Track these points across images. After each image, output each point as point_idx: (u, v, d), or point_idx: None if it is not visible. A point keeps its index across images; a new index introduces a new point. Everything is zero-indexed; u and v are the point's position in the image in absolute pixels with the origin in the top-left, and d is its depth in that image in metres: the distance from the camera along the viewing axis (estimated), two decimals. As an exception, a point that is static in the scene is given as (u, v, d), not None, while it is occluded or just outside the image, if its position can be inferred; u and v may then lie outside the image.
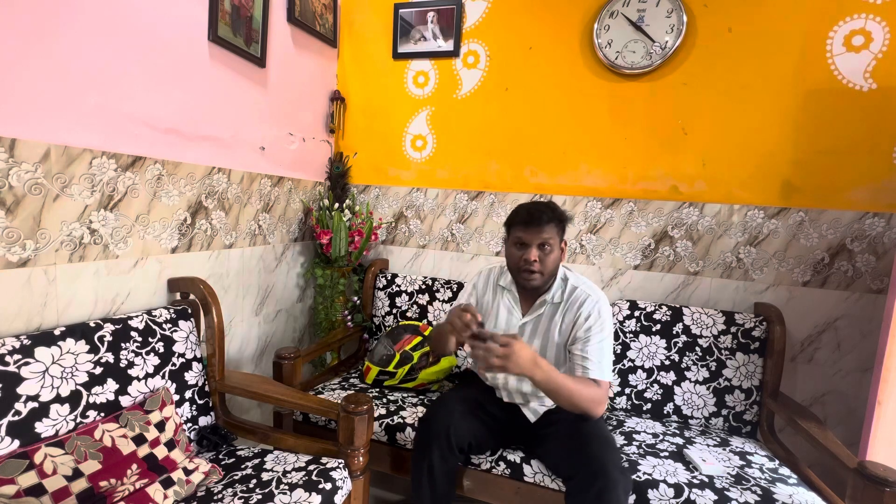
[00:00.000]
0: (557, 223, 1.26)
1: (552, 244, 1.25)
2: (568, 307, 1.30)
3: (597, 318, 1.25)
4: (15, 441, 0.92)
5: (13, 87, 1.01)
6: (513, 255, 1.29)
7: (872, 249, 1.55)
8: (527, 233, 1.25)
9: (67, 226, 1.13)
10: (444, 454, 1.22)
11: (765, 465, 1.31)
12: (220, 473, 1.13)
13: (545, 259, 1.25)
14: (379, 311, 2.01)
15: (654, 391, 1.61)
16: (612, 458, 1.11)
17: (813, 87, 1.56)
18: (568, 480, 1.16)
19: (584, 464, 1.11)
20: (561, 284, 1.33)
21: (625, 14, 1.70)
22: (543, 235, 1.23)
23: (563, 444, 1.22)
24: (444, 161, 2.05)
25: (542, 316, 1.33)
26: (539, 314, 1.33)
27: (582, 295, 1.29)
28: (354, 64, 2.14)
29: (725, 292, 1.71)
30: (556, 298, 1.32)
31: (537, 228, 1.23)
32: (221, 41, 1.49)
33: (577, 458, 1.14)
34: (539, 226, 1.23)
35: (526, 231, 1.25)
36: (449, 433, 1.22)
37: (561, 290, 1.32)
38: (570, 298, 1.30)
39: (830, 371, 1.61)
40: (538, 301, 1.33)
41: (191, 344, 1.31)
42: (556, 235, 1.26)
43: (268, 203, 1.82)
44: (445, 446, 1.21)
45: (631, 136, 1.78)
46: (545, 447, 1.29)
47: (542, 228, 1.23)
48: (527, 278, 1.27)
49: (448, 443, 1.21)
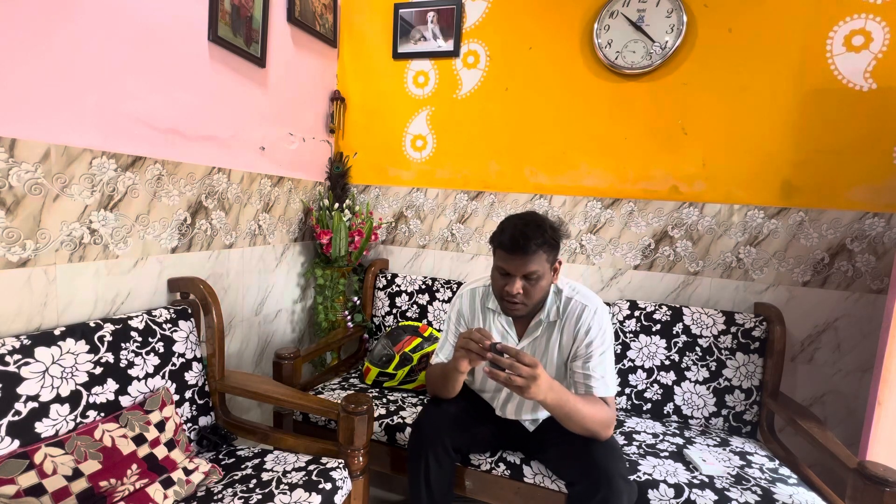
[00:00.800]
0: (548, 249, 1.09)
1: (540, 273, 1.09)
2: (565, 322, 1.21)
3: (597, 330, 1.17)
4: (15, 441, 0.92)
5: (13, 87, 1.01)
6: (496, 281, 1.16)
7: (872, 249, 1.55)
8: (510, 263, 1.09)
9: (67, 226, 1.13)
10: (439, 457, 1.18)
11: (765, 465, 1.31)
12: (220, 473, 1.13)
13: (531, 290, 1.11)
14: (379, 311, 2.01)
15: (654, 391, 1.61)
16: (617, 467, 1.07)
17: (813, 87, 1.56)
18: (571, 486, 1.13)
19: (588, 471, 1.07)
20: (554, 300, 1.22)
21: (625, 14, 1.70)
22: (529, 267, 1.08)
23: (565, 449, 1.18)
24: (444, 161, 2.05)
25: (540, 337, 1.24)
26: (536, 336, 1.24)
27: (578, 307, 1.20)
28: (354, 64, 2.14)
29: (725, 292, 1.71)
30: (553, 316, 1.22)
31: (522, 259, 1.07)
32: (221, 41, 1.49)
33: (580, 464, 1.10)
34: (524, 255, 1.07)
35: (509, 261, 1.09)
36: (443, 435, 1.19)
37: (556, 305, 1.22)
38: (567, 312, 1.20)
39: (830, 371, 1.61)
40: (533, 322, 1.23)
41: (191, 344, 1.31)
42: (546, 262, 1.10)
43: (268, 203, 1.82)
44: (441, 449, 1.18)
45: (631, 136, 1.78)
46: (546, 452, 1.26)
47: (527, 259, 1.07)
48: (509, 309, 1.16)
49: (443, 445, 1.18)
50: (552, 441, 1.23)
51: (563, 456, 1.19)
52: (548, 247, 1.09)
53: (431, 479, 1.19)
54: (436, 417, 1.24)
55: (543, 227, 1.10)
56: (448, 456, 1.20)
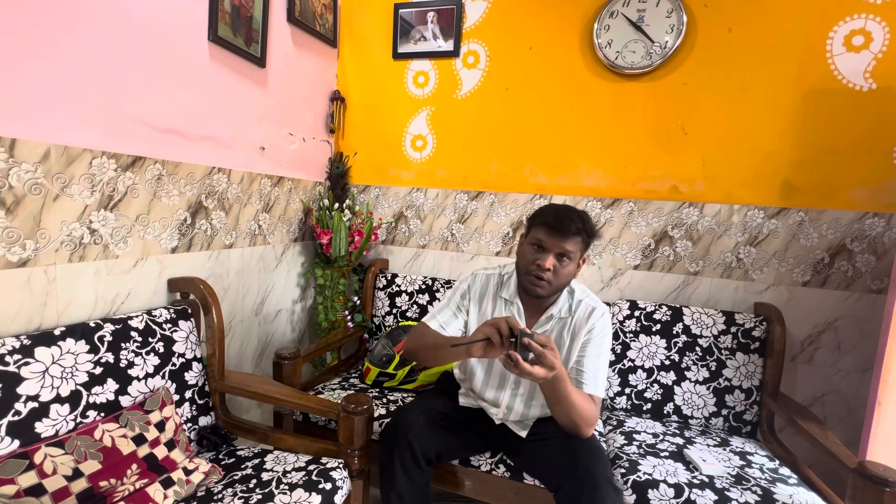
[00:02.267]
0: (585, 237, 1.14)
1: (572, 257, 1.14)
2: (575, 322, 1.22)
3: (600, 331, 1.19)
4: (15, 441, 0.92)
5: (13, 87, 1.01)
6: (526, 256, 1.18)
7: (872, 249, 1.55)
8: (549, 238, 1.13)
9: (67, 226, 1.13)
10: (408, 470, 1.14)
11: (765, 465, 1.31)
12: (220, 473, 1.13)
13: (560, 270, 1.14)
14: (379, 311, 2.01)
15: (654, 391, 1.61)
16: (602, 471, 1.05)
17: (813, 87, 1.56)
18: (556, 492, 1.10)
19: (573, 475, 1.05)
20: (568, 297, 1.24)
21: (625, 14, 1.70)
22: (566, 246, 1.12)
23: (550, 455, 1.16)
24: (444, 161, 2.05)
25: (549, 332, 1.24)
26: (545, 329, 1.24)
27: (588, 308, 1.22)
28: (354, 64, 2.14)
29: (725, 292, 1.71)
30: (563, 313, 1.23)
31: (561, 237, 1.12)
32: (221, 41, 1.49)
33: (565, 469, 1.08)
34: (564, 235, 1.11)
35: (549, 236, 1.13)
36: (412, 446, 1.14)
37: (568, 303, 1.24)
38: (577, 312, 1.22)
39: (830, 371, 1.61)
40: (545, 315, 1.24)
41: (191, 344, 1.31)
42: (579, 249, 1.15)
43: (268, 203, 1.82)
44: (409, 459, 1.14)
45: (631, 136, 1.78)
46: (531, 458, 1.23)
47: (566, 238, 1.12)
48: (534, 283, 1.15)
49: (412, 455, 1.14)
50: (538, 448, 1.21)
51: (549, 462, 1.16)
52: (585, 235, 1.15)
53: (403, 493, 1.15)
54: (402, 426, 1.18)
55: (585, 217, 1.16)
56: (419, 468, 1.15)
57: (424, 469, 1.17)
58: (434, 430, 1.22)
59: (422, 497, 1.19)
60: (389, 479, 1.16)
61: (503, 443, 1.31)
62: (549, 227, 1.13)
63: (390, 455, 1.16)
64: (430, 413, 1.26)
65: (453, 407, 1.33)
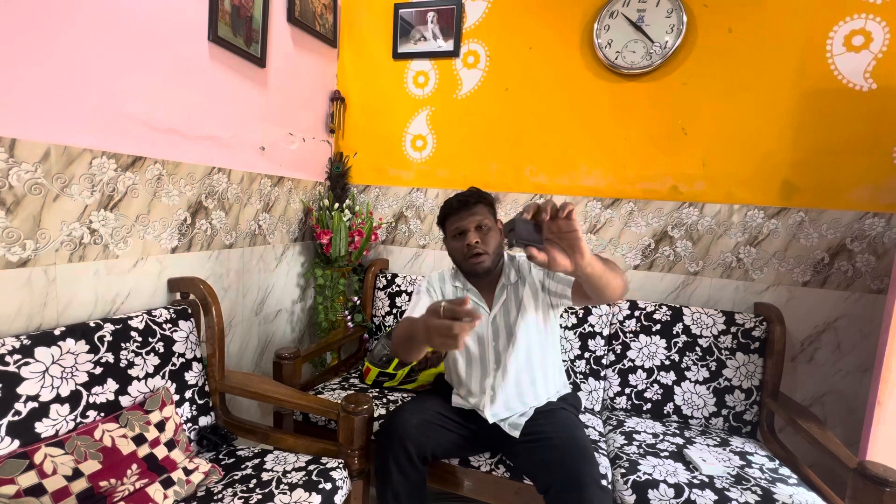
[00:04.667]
0: (486, 204, 1.29)
1: (488, 223, 1.27)
2: (522, 275, 1.32)
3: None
4: (15, 441, 0.92)
5: (13, 87, 1.01)
6: (455, 248, 1.30)
7: (872, 249, 1.55)
8: (461, 219, 1.27)
9: (67, 226, 1.13)
10: (403, 469, 1.16)
11: (765, 465, 1.31)
12: (220, 473, 1.13)
13: (486, 238, 1.26)
14: (379, 311, 2.01)
15: (654, 391, 1.61)
16: (590, 472, 1.05)
17: (813, 87, 1.56)
18: (545, 493, 1.09)
19: (561, 476, 1.05)
20: (509, 263, 1.35)
21: (625, 14, 1.70)
22: (477, 217, 1.26)
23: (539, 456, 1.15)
24: (444, 161, 2.05)
25: (508, 300, 1.31)
26: (503, 300, 1.31)
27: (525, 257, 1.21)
28: (354, 64, 2.14)
29: (725, 292, 1.71)
30: (513, 277, 1.32)
31: (469, 212, 1.27)
32: (221, 41, 1.49)
33: (553, 470, 1.08)
34: (469, 209, 1.27)
35: (460, 217, 1.27)
36: (406, 444, 1.15)
37: (511, 268, 1.34)
38: (521, 267, 1.33)
39: (830, 371, 1.61)
40: (498, 289, 1.32)
41: (191, 344, 1.31)
42: (489, 214, 1.29)
43: (268, 203, 1.82)
44: (404, 458, 1.15)
45: (631, 136, 1.78)
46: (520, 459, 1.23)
47: (472, 210, 1.27)
48: (476, 262, 1.26)
49: (406, 454, 1.15)
50: (529, 449, 1.21)
51: (539, 463, 1.15)
52: (485, 202, 1.30)
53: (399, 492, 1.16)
54: (398, 426, 1.19)
55: (476, 189, 1.32)
56: (414, 467, 1.17)
57: (419, 467, 1.18)
58: (428, 429, 1.22)
59: (418, 495, 1.20)
60: (385, 477, 1.17)
61: (497, 444, 1.31)
62: (455, 211, 1.28)
63: (385, 454, 1.17)
64: (424, 412, 1.26)
65: (447, 407, 1.34)
